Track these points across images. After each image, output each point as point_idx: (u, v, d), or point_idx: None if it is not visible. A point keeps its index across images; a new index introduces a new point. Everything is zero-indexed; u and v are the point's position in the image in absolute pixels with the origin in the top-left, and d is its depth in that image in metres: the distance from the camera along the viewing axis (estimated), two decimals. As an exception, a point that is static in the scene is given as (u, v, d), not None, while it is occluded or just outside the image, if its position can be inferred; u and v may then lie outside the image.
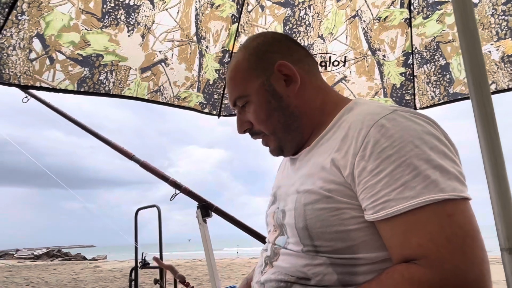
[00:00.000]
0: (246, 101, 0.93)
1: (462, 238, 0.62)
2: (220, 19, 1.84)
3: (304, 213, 0.77)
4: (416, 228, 0.65)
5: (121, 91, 1.61)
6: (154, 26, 1.63)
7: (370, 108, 0.79)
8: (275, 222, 0.89)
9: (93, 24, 1.46)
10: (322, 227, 0.74)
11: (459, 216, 0.64)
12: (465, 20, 0.86)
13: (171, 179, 2.31)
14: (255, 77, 0.91)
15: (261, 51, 0.93)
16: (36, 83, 1.36)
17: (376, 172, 0.69)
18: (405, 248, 0.66)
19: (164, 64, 1.73)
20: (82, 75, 1.47)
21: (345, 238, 0.73)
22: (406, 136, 0.69)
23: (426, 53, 1.90)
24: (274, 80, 0.90)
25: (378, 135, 0.70)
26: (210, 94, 1.97)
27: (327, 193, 0.75)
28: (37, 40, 1.34)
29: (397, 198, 0.66)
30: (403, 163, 0.67)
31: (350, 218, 0.73)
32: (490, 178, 0.79)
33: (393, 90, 2.01)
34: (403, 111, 0.74)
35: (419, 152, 0.67)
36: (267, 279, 0.83)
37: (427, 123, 0.73)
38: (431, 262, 0.62)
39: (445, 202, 0.64)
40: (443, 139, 0.72)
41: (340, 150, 0.76)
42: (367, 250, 0.73)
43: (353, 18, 1.92)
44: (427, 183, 0.65)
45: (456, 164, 0.70)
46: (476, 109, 0.81)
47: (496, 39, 1.67)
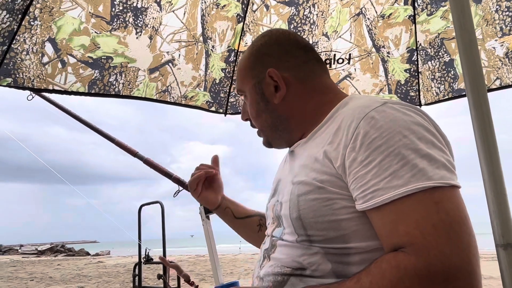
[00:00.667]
0: (244, 95, 1.03)
1: (449, 224, 0.64)
2: (226, 19, 1.85)
3: (297, 204, 0.80)
4: (403, 216, 0.66)
5: (131, 92, 1.64)
6: (161, 27, 1.65)
7: (361, 101, 0.81)
8: (273, 215, 0.92)
9: (102, 27, 1.48)
10: (315, 217, 0.77)
11: (446, 203, 0.65)
12: (462, 19, 0.87)
13: (175, 175, 2.33)
14: (250, 77, 0.99)
15: (260, 54, 0.98)
16: (49, 86, 1.39)
17: (366, 162, 0.71)
18: (393, 236, 0.68)
19: (171, 65, 1.75)
20: (93, 77, 1.50)
21: (336, 228, 0.76)
22: (394, 127, 0.71)
23: (431, 49, 1.92)
24: (265, 84, 0.96)
25: (368, 127, 0.73)
26: (216, 93, 2.00)
27: (320, 184, 0.78)
28: (49, 44, 1.36)
29: (385, 187, 0.68)
30: (392, 153, 0.69)
31: (341, 208, 0.75)
32: (485, 175, 0.80)
33: (397, 87, 2.03)
34: (393, 103, 0.76)
35: (407, 142, 0.69)
36: (265, 273, 0.86)
37: (417, 114, 0.75)
38: (418, 249, 0.64)
39: (433, 190, 0.66)
40: (432, 130, 0.73)
41: (333, 143, 0.79)
42: (358, 239, 0.75)
43: (357, 15, 1.93)
44: (415, 172, 0.67)
45: (445, 153, 0.71)
46: (473, 108, 0.82)
47: (500, 35, 1.69)
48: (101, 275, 12.18)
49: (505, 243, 0.74)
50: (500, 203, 0.75)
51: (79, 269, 14.22)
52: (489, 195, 0.77)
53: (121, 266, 14.78)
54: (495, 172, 0.77)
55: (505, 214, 0.75)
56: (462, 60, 0.85)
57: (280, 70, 0.94)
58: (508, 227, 0.74)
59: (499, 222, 0.75)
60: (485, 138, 0.80)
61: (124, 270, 13.20)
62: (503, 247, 0.74)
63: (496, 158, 0.77)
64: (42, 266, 16.11)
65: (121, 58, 1.56)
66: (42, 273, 13.07)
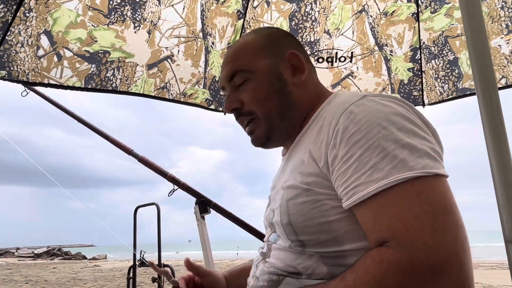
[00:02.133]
0: (246, 78, 0.90)
1: (433, 215, 0.60)
2: (226, 15, 1.82)
3: (287, 209, 0.77)
4: (386, 210, 0.64)
5: (128, 88, 1.60)
6: (160, 22, 1.62)
7: (343, 97, 0.80)
8: (268, 223, 0.90)
9: (100, 21, 1.44)
10: (305, 220, 0.74)
11: (429, 193, 0.62)
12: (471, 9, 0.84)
13: (170, 174, 2.29)
14: (264, 56, 0.90)
15: (274, 38, 0.94)
16: (44, 80, 1.35)
17: (346, 158, 0.69)
18: (377, 231, 0.65)
19: (170, 61, 1.71)
20: (90, 71, 1.46)
21: (327, 230, 0.73)
22: (373, 119, 0.68)
23: (434, 48, 1.89)
24: (282, 66, 0.90)
25: (347, 122, 0.70)
26: (216, 91, 1.96)
27: (307, 186, 0.75)
28: (45, 37, 1.32)
29: (366, 181, 0.65)
30: (371, 146, 0.66)
31: (331, 209, 0.73)
32: (494, 168, 0.77)
33: (400, 86, 2.00)
34: (373, 96, 0.74)
35: (386, 133, 0.67)
36: (261, 272, 0.84)
37: (397, 104, 0.73)
38: (401, 242, 0.61)
39: (414, 180, 0.63)
40: (414, 119, 0.71)
41: (316, 142, 0.77)
42: (351, 240, 0.72)
43: (359, 13, 1.90)
44: (395, 163, 0.64)
45: (428, 141, 0.68)
46: (482, 98, 0.80)
47: (506, 33, 1.66)
48: (96, 279, 12.08)
49: None
50: (509, 196, 0.72)
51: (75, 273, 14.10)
52: (498, 189, 0.73)
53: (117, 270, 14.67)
54: (505, 165, 0.73)
55: None
56: (471, 57, 0.82)
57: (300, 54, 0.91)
58: None
59: (508, 216, 0.71)
60: (494, 130, 0.77)
61: (120, 274, 13.09)
62: None
63: (506, 151, 0.74)
64: (38, 269, 15.98)
65: (119, 52, 1.52)
66: (37, 276, 12.95)
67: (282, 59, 0.90)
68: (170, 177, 2.28)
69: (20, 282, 11.34)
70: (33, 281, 11.58)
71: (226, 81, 0.93)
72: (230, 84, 0.93)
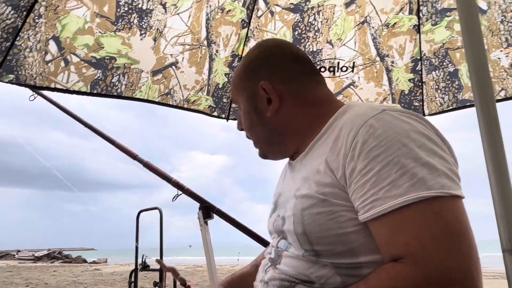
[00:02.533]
0: (239, 106, 0.99)
1: (449, 236, 0.62)
2: (231, 23, 1.86)
3: (302, 218, 0.77)
4: (402, 227, 0.65)
5: (133, 94, 1.63)
6: (165, 30, 1.65)
7: (360, 109, 0.80)
8: (275, 229, 0.90)
9: (107, 28, 1.48)
10: (321, 231, 0.74)
11: (446, 213, 0.63)
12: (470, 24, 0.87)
13: (174, 179, 2.31)
14: (244, 89, 0.96)
15: (255, 65, 0.95)
16: (51, 84, 1.38)
17: (365, 172, 0.69)
18: (392, 247, 0.66)
19: (174, 68, 1.75)
20: (96, 77, 1.49)
21: (344, 241, 0.73)
22: (393, 135, 0.69)
23: (435, 59, 1.91)
24: (258, 97, 0.92)
25: (367, 135, 0.71)
26: (219, 98, 1.99)
27: (323, 196, 0.75)
28: (53, 42, 1.36)
29: (384, 197, 0.66)
30: (391, 162, 0.67)
31: (347, 221, 0.73)
32: (492, 178, 0.78)
33: (401, 96, 2.02)
34: (392, 111, 0.75)
35: (406, 150, 0.67)
36: (271, 277, 0.83)
37: (417, 121, 0.73)
38: (416, 260, 0.62)
39: (432, 199, 0.64)
40: (433, 137, 0.71)
41: (333, 152, 0.77)
42: (367, 252, 0.72)
43: (361, 24, 1.94)
44: (414, 181, 0.65)
45: (447, 161, 0.69)
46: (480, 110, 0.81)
47: (505, 46, 1.68)
48: (97, 282, 12.05)
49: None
50: (507, 206, 0.73)
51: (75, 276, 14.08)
52: (495, 198, 0.75)
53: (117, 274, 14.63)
54: (502, 175, 0.75)
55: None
56: (470, 70, 0.84)
57: (273, 82, 0.91)
58: None
59: (506, 226, 0.73)
60: (492, 141, 0.79)
61: (120, 278, 13.06)
62: (509, 252, 0.72)
63: (503, 162, 0.76)
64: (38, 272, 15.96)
65: (125, 59, 1.56)
66: (37, 279, 12.94)
67: (256, 90, 0.92)
68: (175, 183, 2.30)
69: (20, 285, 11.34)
70: (33, 284, 11.57)
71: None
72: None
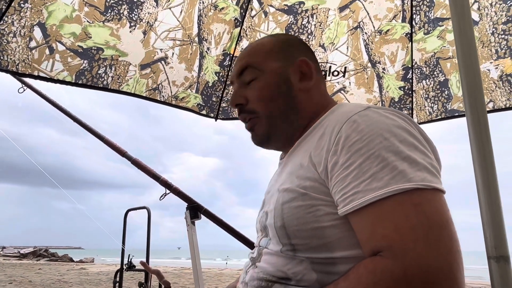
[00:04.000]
0: (255, 76, 0.93)
1: (428, 227, 0.61)
2: (223, 21, 1.84)
3: (281, 212, 0.78)
4: (382, 219, 0.64)
5: (119, 87, 1.60)
6: (156, 23, 1.64)
7: (347, 107, 0.82)
8: (260, 226, 0.90)
9: (95, 17, 1.45)
10: (298, 224, 0.75)
11: (426, 205, 0.63)
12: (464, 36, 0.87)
13: (162, 178, 2.28)
14: (275, 59, 0.93)
15: (288, 44, 0.96)
16: (34, 72, 1.35)
17: (346, 165, 0.70)
18: (372, 240, 0.66)
19: (164, 63, 1.73)
20: (81, 67, 1.47)
21: (320, 236, 0.73)
22: (376, 130, 0.70)
23: (426, 68, 1.91)
24: (291, 71, 0.92)
25: (350, 130, 0.72)
26: (208, 96, 1.97)
27: (303, 190, 0.76)
28: (38, 29, 1.34)
29: (364, 189, 0.66)
30: (372, 155, 0.67)
31: (325, 215, 0.73)
32: (480, 185, 0.79)
33: (391, 104, 2.01)
34: (377, 108, 0.76)
35: (387, 144, 0.68)
36: (250, 278, 0.83)
37: (400, 118, 0.74)
38: (395, 253, 0.61)
39: (412, 191, 0.64)
40: (415, 133, 0.72)
41: (317, 148, 0.78)
42: (343, 247, 0.72)
43: (354, 29, 1.93)
44: (395, 174, 0.65)
45: (428, 156, 0.70)
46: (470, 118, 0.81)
47: (495, 58, 1.68)
48: (82, 282, 11.89)
49: (497, 255, 0.70)
50: (493, 213, 0.72)
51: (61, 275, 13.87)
52: (482, 205, 0.74)
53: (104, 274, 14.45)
54: (490, 181, 0.74)
55: (498, 224, 0.72)
56: (462, 79, 0.85)
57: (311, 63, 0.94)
58: (501, 238, 0.71)
59: (492, 233, 0.71)
60: (481, 148, 0.79)
61: (106, 278, 12.89)
62: (495, 260, 0.70)
63: (492, 168, 0.75)
64: (23, 269, 15.72)
65: (112, 50, 1.53)
66: (22, 277, 12.74)
67: (292, 64, 0.92)
68: (163, 181, 2.27)
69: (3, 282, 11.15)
70: (17, 282, 11.38)
71: (235, 76, 0.97)
72: (239, 79, 0.96)
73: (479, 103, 0.83)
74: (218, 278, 13.38)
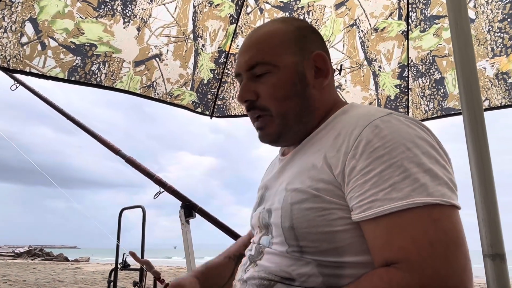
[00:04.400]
0: (268, 70, 0.84)
1: (446, 244, 0.61)
2: (218, 18, 1.83)
3: (291, 212, 0.75)
4: (399, 230, 0.63)
5: (113, 84, 1.59)
6: (150, 20, 1.62)
7: (365, 110, 0.78)
8: (260, 223, 0.87)
9: (88, 13, 1.43)
10: (309, 227, 0.72)
11: (444, 221, 0.63)
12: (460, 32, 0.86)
13: (156, 176, 2.26)
14: (291, 53, 0.84)
15: (303, 33, 0.87)
16: (26, 68, 1.33)
17: (366, 171, 0.68)
18: (387, 250, 0.65)
19: (158, 60, 1.71)
20: (74, 63, 1.45)
21: (331, 240, 0.71)
22: (399, 138, 0.68)
23: (422, 66, 1.91)
24: (307, 66, 0.85)
25: (371, 135, 0.69)
26: (203, 94, 1.95)
27: (315, 192, 0.73)
28: (30, 24, 1.31)
29: (383, 198, 0.65)
30: (394, 164, 0.66)
31: (338, 219, 0.71)
32: (476, 182, 0.78)
33: (387, 102, 2.01)
34: (398, 115, 0.74)
35: (410, 155, 0.66)
36: (250, 276, 0.81)
37: (421, 128, 0.73)
38: (412, 266, 0.61)
39: (432, 206, 0.63)
40: (436, 146, 0.71)
41: (333, 148, 0.75)
42: (353, 253, 0.71)
43: (351, 27, 1.93)
44: (416, 186, 0.64)
45: (447, 171, 0.69)
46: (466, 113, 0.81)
47: (491, 56, 1.68)
48: (77, 281, 11.83)
49: (493, 253, 0.70)
50: (490, 211, 0.72)
51: (56, 274, 13.80)
52: (478, 203, 0.73)
53: (99, 273, 14.40)
54: (486, 178, 0.73)
55: (495, 222, 0.71)
56: (459, 77, 0.84)
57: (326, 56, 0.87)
58: (497, 236, 0.70)
59: (488, 231, 0.71)
60: (477, 145, 0.78)
61: (102, 277, 12.84)
62: (491, 258, 0.70)
63: (488, 165, 0.75)
64: (18, 269, 15.62)
65: (106, 47, 1.51)
66: (16, 276, 12.66)
67: (307, 58, 0.85)
68: (157, 180, 2.26)
69: (-3, 281, 11.07)
70: (11, 281, 11.30)
71: (244, 69, 0.87)
72: (248, 72, 0.86)
73: (476, 100, 0.83)
74: (214, 277, 13.34)
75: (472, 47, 0.86)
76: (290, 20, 0.92)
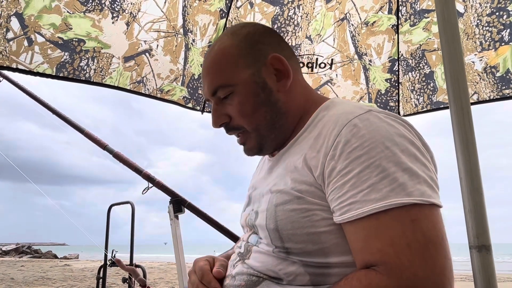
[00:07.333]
0: (229, 91, 0.84)
1: (424, 245, 0.61)
2: (208, 12, 1.81)
3: (275, 214, 0.75)
4: (378, 232, 0.63)
5: (102, 79, 1.56)
6: (139, 14, 1.59)
7: (345, 107, 0.77)
8: (247, 224, 0.88)
9: (76, 8, 1.40)
10: (293, 228, 0.72)
11: (423, 221, 0.62)
12: (448, 28, 0.86)
13: (144, 171, 2.24)
14: (244, 66, 0.84)
15: (253, 40, 0.86)
16: (12, 65, 1.30)
17: (344, 172, 0.67)
18: (366, 252, 0.65)
19: (148, 55, 1.68)
20: (62, 59, 1.42)
21: (315, 240, 0.71)
22: (377, 137, 0.67)
23: (412, 60, 1.92)
24: (265, 73, 0.85)
25: (350, 135, 0.69)
26: (194, 89, 1.93)
27: (298, 193, 0.73)
28: (16, 19, 1.28)
29: (362, 200, 0.65)
30: (372, 165, 0.66)
31: (321, 220, 0.71)
32: (462, 173, 0.79)
33: (378, 96, 2.02)
34: (378, 112, 0.73)
35: (389, 154, 0.66)
36: (239, 272, 0.81)
37: (401, 125, 0.72)
38: (390, 269, 0.61)
39: (411, 206, 0.63)
40: (416, 143, 0.70)
41: (313, 150, 0.75)
42: (338, 253, 0.71)
43: (341, 21, 1.92)
44: (394, 186, 0.64)
45: (428, 168, 0.68)
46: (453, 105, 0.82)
47: (480, 50, 1.70)
48: (66, 278, 11.73)
49: (479, 244, 0.71)
50: (476, 201, 0.72)
51: (44, 272, 13.66)
52: (464, 193, 0.74)
53: (88, 270, 14.29)
54: (472, 169, 0.74)
55: (481, 213, 0.72)
56: (446, 72, 0.84)
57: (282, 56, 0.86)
58: (483, 227, 0.71)
59: (474, 222, 0.72)
60: (464, 137, 0.79)
61: (91, 274, 12.75)
62: (477, 249, 0.71)
63: (474, 157, 0.75)
64: (5, 266, 15.42)
65: (94, 42, 1.48)
66: (3, 274, 12.49)
67: (264, 64, 0.85)
68: (145, 175, 2.23)
69: (-16, 279, 10.91)
70: (-2, 279, 11.16)
71: (209, 95, 0.88)
72: (214, 97, 0.87)
73: (463, 91, 0.83)
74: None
75: (459, 40, 0.86)
76: (239, 29, 0.90)
